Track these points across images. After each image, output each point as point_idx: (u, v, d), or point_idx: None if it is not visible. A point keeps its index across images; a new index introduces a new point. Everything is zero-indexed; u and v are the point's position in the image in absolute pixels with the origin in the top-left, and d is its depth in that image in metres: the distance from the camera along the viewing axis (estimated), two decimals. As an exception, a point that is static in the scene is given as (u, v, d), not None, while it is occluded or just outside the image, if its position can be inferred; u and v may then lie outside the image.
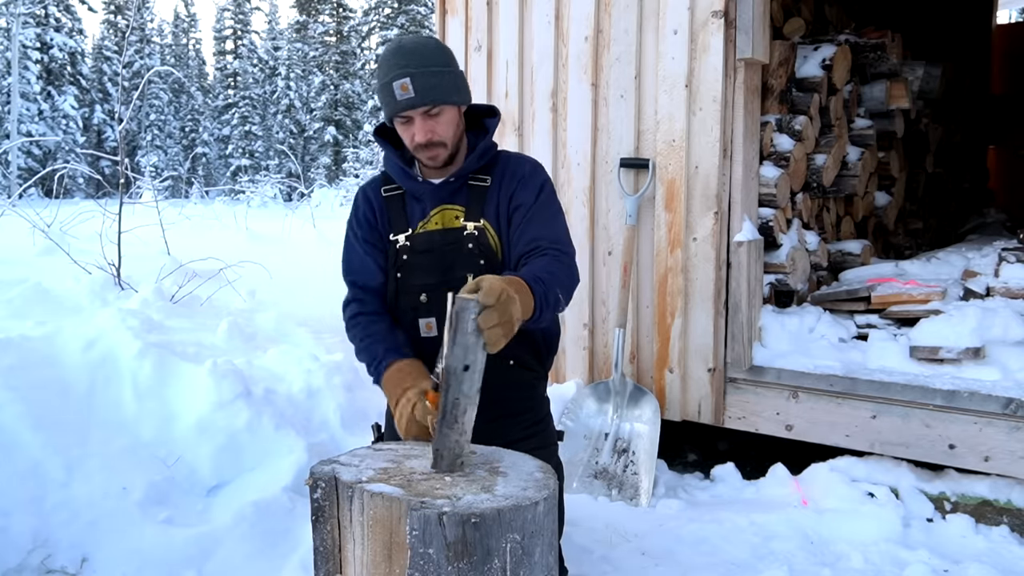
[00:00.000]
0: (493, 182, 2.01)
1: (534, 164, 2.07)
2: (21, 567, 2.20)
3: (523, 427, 2.05)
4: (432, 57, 1.90)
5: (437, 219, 2.01)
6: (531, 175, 2.02)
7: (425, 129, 1.89)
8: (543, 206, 1.97)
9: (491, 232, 1.99)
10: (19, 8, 31.96)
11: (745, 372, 3.24)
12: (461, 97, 1.95)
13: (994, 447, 2.74)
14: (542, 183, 2.01)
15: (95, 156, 32.20)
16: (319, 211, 11.21)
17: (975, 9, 7.34)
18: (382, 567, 1.34)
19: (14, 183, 23.56)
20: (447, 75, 1.91)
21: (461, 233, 1.98)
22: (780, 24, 3.87)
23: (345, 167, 29.83)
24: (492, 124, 2.08)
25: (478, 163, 2.01)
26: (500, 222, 1.99)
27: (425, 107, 1.87)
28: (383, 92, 1.90)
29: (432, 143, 1.91)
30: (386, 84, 1.88)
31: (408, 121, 1.91)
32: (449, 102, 1.91)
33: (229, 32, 46.30)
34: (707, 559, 2.57)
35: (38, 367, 2.68)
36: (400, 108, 1.87)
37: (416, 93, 1.85)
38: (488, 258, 1.97)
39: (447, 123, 1.92)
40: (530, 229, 1.92)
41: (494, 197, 2.00)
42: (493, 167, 2.04)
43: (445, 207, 2.01)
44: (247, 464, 2.74)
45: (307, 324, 4.12)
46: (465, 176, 2.01)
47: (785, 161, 3.54)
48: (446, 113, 1.91)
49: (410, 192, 2.04)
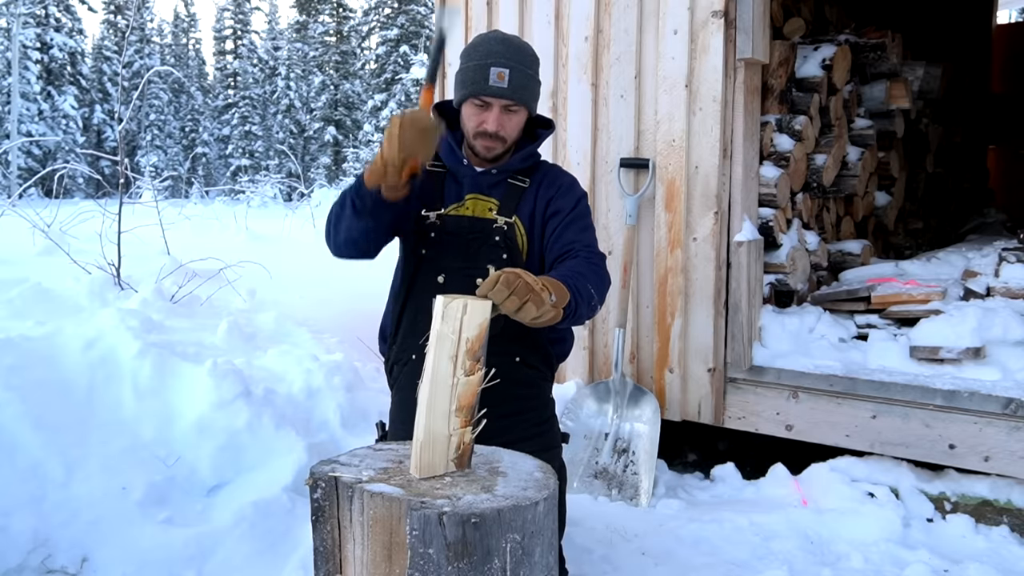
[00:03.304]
0: (531, 185, 2.10)
1: (574, 178, 2.18)
2: (21, 567, 2.20)
3: (527, 427, 2.06)
4: (530, 61, 2.03)
5: (470, 205, 2.08)
6: (571, 186, 2.13)
7: (499, 121, 1.98)
8: (579, 216, 2.06)
9: (521, 230, 2.06)
10: (19, 8, 31.97)
11: (745, 372, 3.24)
12: (535, 106, 2.08)
13: (994, 447, 2.74)
14: (580, 196, 2.12)
15: (95, 156, 32.20)
16: (319, 211, 11.19)
17: (975, 9, 7.34)
18: (382, 567, 1.34)
19: (14, 183, 23.56)
20: (536, 82, 2.05)
21: (491, 225, 2.04)
22: (780, 24, 3.87)
23: (345, 167, 29.85)
24: (544, 135, 2.17)
25: (521, 164, 2.10)
26: (533, 223, 2.07)
27: (509, 101, 1.97)
28: (475, 72, 1.97)
29: (497, 135, 2.00)
30: (482, 66, 1.95)
31: (485, 107, 1.98)
32: (529, 106, 2.03)
33: (229, 32, 46.28)
34: (707, 559, 2.57)
35: (38, 367, 2.68)
36: (490, 92, 1.95)
37: (509, 86, 1.95)
38: (512, 254, 2.03)
39: (516, 124, 2.03)
40: (566, 234, 2.01)
41: (530, 199, 2.08)
42: (534, 172, 2.13)
43: (479, 197, 2.08)
44: (247, 464, 2.74)
45: (307, 324, 4.12)
46: (506, 172, 2.09)
47: (785, 161, 3.54)
48: (520, 115, 2.02)
49: (452, 172, 2.11)
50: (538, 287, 1.53)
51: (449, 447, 1.45)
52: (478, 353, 1.44)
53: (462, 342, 1.42)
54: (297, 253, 6.54)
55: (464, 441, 1.46)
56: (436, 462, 1.44)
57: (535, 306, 1.52)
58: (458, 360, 1.43)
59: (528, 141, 2.14)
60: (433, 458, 1.44)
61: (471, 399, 1.45)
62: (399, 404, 2.14)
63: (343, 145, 36.65)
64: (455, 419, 1.44)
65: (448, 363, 1.42)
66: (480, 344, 1.44)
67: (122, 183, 4.70)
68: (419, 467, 1.44)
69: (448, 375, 1.43)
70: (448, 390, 1.43)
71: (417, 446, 1.44)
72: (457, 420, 1.44)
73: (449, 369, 1.43)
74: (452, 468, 1.46)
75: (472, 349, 1.43)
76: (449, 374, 1.43)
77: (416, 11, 35.13)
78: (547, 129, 2.18)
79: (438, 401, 1.43)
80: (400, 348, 2.13)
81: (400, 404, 2.14)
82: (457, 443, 1.45)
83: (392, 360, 2.18)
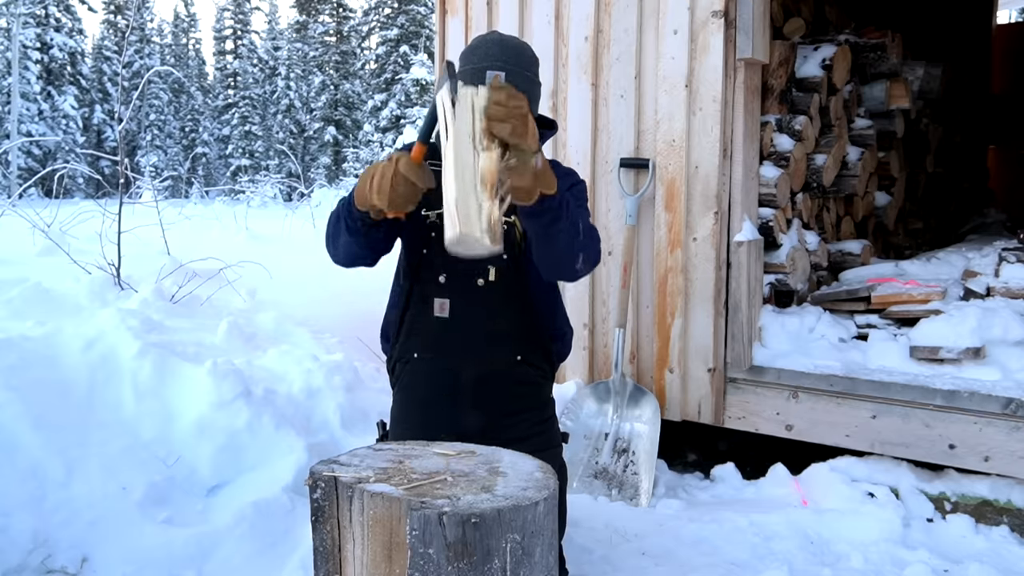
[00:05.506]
0: None
1: (571, 169, 2.19)
2: (21, 567, 2.20)
3: (527, 426, 2.06)
4: (528, 62, 2.02)
5: None
6: (567, 174, 2.13)
7: None
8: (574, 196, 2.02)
9: (519, 229, 2.05)
10: (19, 8, 31.96)
11: (745, 372, 3.24)
12: (536, 107, 2.07)
13: (994, 447, 2.74)
14: (576, 180, 2.12)
15: (95, 156, 32.21)
16: (319, 211, 11.20)
17: (975, 9, 7.33)
18: (382, 567, 1.34)
19: (14, 183, 23.56)
20: (535, 84, 2.04)
21: None
22: (780, 24, 3.87)
23: (345, 167, 29.82)
24: (546, 135, 2.15)
25: None
26: None
27: None
28: (472, 76, 1.96)
29: None
30: (478, 70, 1.95)
31: None
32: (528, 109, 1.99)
33: (229, 32, 46.27)
34: (707, 559, 2.57)
35: (38, 367, 2.68)
36: None
37: None
38: (513, 252, 2.03)
39: None
40: None
41: None
42: None
43: None
44: (247, 464, 2.74)
45: (307, 324, 4.12)
46: None
47: (785, 161, 3.54)
48: None
49: None
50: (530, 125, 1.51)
51: (481, 216, 1.44)
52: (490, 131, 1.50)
53: (476, 120, 1.48)
54: (297, 253, 6.54)
55: (493, 214, 1.46)
56: (472, 221, 1.44)
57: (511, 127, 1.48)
58: (475, 137, 1.48)
59: None
60: (468, 215, 1.44)
61: (494, 174, 1.47)
62: (401, 403, 2.14)
63: (343, 145, 36.62)
64: (482, 192, 1.46)
65: (468, 140, 1.48)
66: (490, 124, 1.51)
67: (122, 183, 4.69)
68: (456, 222, 1.44)
69: (469, 150, 1.48)
70: (471, 165, 1.47)
71: (452, 206, 1.45)
72: (484, 193, 1.46)
73: (469, 145, 1.48)
74: (485, 240, 1.44)
75: (485, 128, 1.49)
76: (470, 149, 1.48)
77: (416, 11, 35.11)
78: (550, 130, 2.17)
79: (464, 174, 1.46)
80: (402, 347, 2.14)
81: (402, 403, 2.14)
82: (488, 214, 1.45)
83: (394, 359, 2.18)
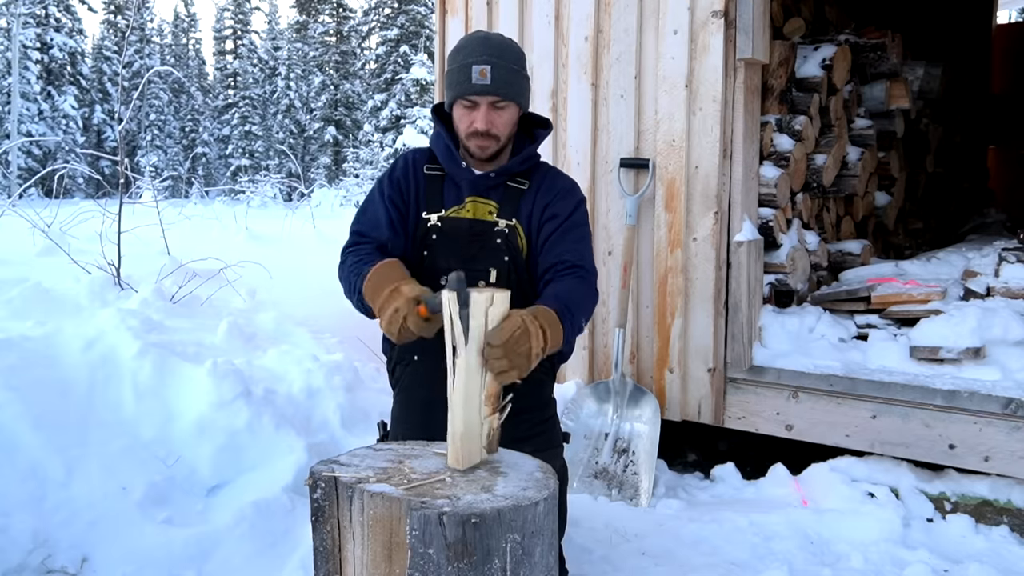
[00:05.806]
0: (531, 187, 2.09)
1: (574, 183, 2.17)
2: (21, 567, 2.20)
3: (528, 425, 2.06)
4: (514, 56, 2.01)
5: (470, 208, 2.08)
6: (570, 191, 2.12)
7: (488, 119, 1.98)
8: (576, 224, 2.06)
9: (521, 233, 2.07)
10: (19, 8, 31.95)
11: (745, 372, 3.24)
12: (525, 101, 2.07)
13: (994, 447, 2.74)
14: (579, 201, 2.11)
15: (95, 156, 32.20)
16: (319, 211, 11.20)
17: (975, 9, 7.34)
18: (382, 567, 1.34)
19: (14, 183, 23.55)
20: (522, 77, 2.03)
21: (492, 227, 2.05)
22: (780, 24, 3.87)
23: (345, 167, 29.80)
24: (541, 135, 2.17)
25: (520, 166, 2.09)
26: (531, 226, 2.07)
27: (495, 98, 1.96)
28: (458, 73, 1.97)
29: (488, 133, 1.99)
30: (464, 66, 1.95)
31: (473, 106, 1.98)
32: (516, 101, 2.01)
33: (229, 32, 46.28)
34: (707, 559, 2.57)
35: (38, 367, 2.68)
36: (473, 91, 1.95)
37: (492, 82, 1.94)
38: (514, 256, 2.04)
39: (507, 120, 2.01)
40: (560, 244, 2.01)
41: (529, 201, 2.08)
42: (533, 173, 2.12)
43: (479, 200, 2.08)
44: (247, 464, 2.74)
45: (307, 324, 4.12)
46: (505, 175, 2.08)
47: (785, 161, 3.54)
48: (509, 111, 2.01)
49: (450, 175, 2.11)
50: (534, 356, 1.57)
51: (482, 435, 1.51)
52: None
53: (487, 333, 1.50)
54: (297, 253, 6.54)
55: (493, 427, 1.52)
56: (473, 451, 1.50)
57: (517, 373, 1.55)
58: (482, 388, 1.51)
59: (526, 142, 2.14)
60: (471, 448, 1.50)
61: (498, 386, 1.52)
62: (402, 404, 2.15)
63: (343, 145, 36.62)
64: (484, 408, 1.51)
65: (477, 355, 1.48)
66: None
67: (122, 183, 4.69)
68: (459, 459, 1.49)
69: (478, 366, 1.49)
70: (479, 380, 1.50)
71: (456, 439, 1.49)
72: (487, 408, 1.51)
73: (479, 361, 1.49)
74: (484, 455, 1.52)
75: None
76: (479, 365, 1.49)
77: (416, 11, 35.09)
78: (545, 129, 2.17)
79: (471, 392, 1.49)
80: (403, 348, 2.13)
81: (403, 404, 2.14)
82: (488, 430, 1.52)
83: (395, 360, 2.18)
